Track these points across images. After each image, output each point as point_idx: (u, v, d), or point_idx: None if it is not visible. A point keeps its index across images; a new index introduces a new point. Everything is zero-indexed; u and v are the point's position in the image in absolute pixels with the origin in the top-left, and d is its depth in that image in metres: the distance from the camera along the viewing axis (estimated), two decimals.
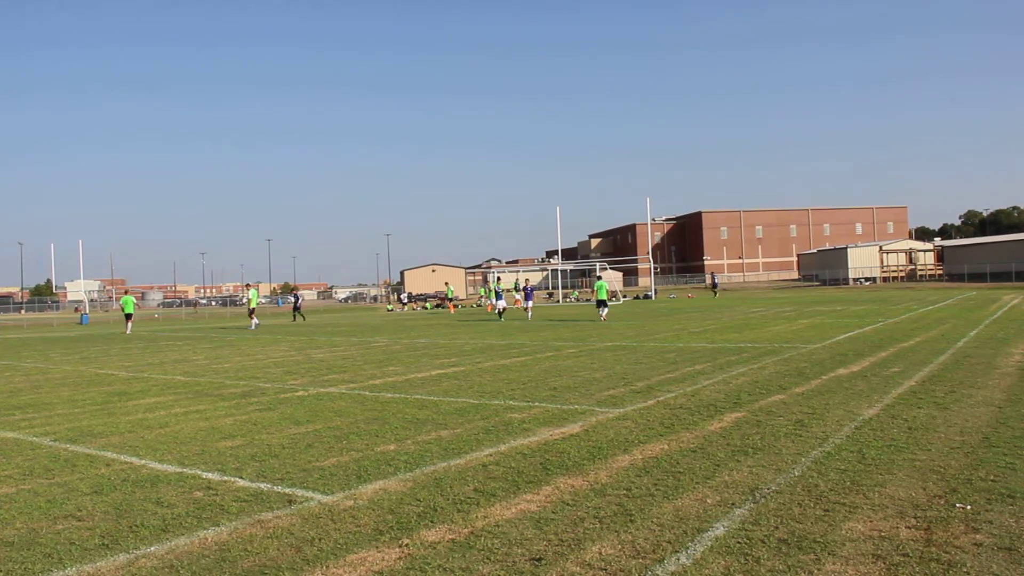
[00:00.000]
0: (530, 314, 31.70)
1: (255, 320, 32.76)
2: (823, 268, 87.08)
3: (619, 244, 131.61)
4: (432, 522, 4.73)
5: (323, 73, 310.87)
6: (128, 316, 33.86)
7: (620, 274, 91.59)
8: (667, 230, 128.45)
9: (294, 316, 39.52)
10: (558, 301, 60.59)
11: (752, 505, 4.84)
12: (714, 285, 64.37)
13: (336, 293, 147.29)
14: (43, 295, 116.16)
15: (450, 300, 47.03)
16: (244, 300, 37.83)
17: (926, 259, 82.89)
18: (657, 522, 4.59)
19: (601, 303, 28.37)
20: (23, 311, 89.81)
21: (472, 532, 4.52)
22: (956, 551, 3.98)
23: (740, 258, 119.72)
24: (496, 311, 32.61)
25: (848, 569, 3.79)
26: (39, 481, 6.11)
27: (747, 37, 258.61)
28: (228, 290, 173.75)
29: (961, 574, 3.70)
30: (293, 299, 43.32)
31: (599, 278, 31.49)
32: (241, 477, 6.02)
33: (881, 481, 5.29)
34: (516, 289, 34.04)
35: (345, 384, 11.68)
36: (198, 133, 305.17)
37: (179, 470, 6.33)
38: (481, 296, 44.41)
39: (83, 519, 5.04)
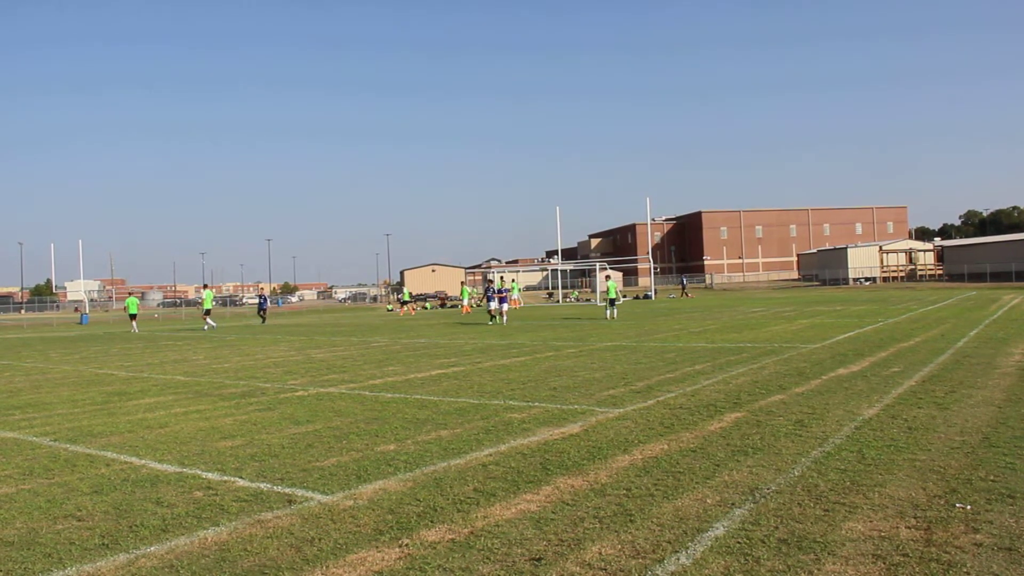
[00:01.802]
0: (504, 319, 28.52)
1: (210, 321, 33.22)
2: (823, 268, 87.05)
3: (619, 244, 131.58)
4: (432, 522, 4.73)
5: (323, 73, 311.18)
6: (132, 316, 35.27)
7: (620, 274, 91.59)
8: (667, 230, 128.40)
9: (263, 318, 39.16)
10: (558, 301, 60.59)
11: (752, 505, 4.84)
12: (683, 287, 66.92)
13: (336, 293, 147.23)
14: (43, 295, 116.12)
15: (405, 303, 47.39)
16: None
17: (926, 259, 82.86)
18: (657, 522, 4.58)
19: (611, 302, 29.83)
20: (23, 311, 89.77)
21: (472, 532, 4.52)
22: (956, 551, 3.98)
23: (740, 258, 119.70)
24: (492, 314, 29.37)
25: (848, 569, 3.79)
26: (39, 481, 6.11)
27: (747, 37, 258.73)
28: (228, 290, 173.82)
29: (961, 574, 3.70)
30: (259, 300, 41.78)
31: (608, 278, 31.68)
32: (241, 477, 6.02)
33: (881, 481, 5.29)
34: (489, 293, 29.79)
35: (345, 384, 11.68)
36: (198, 133, 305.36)
37: (179, 470, 6.33)
38: (479, 296, 43.76)
39: (83, 519, 5.04)
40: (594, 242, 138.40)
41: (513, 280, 45.46)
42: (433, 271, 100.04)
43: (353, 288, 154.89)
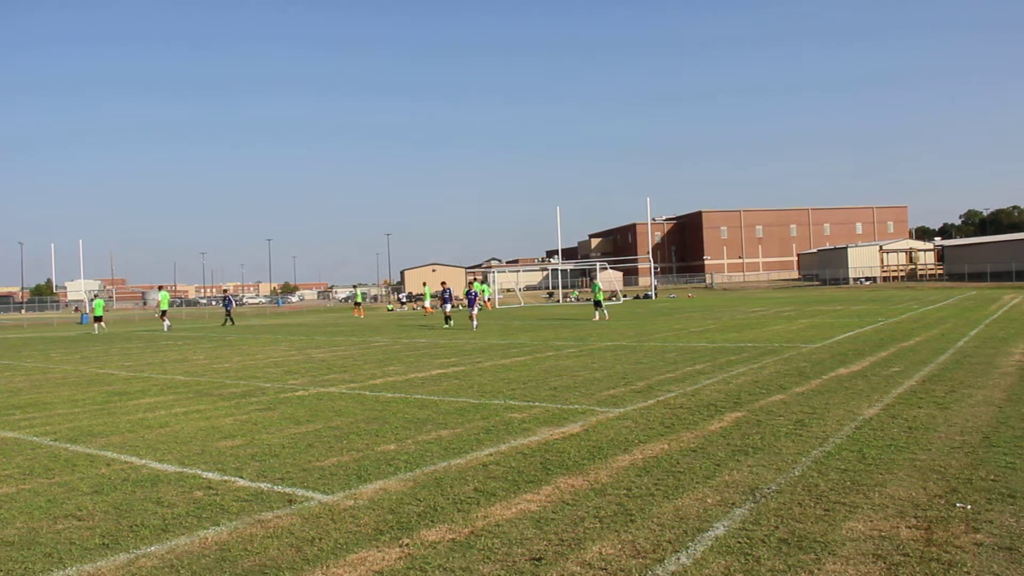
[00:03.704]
0: (475, 322, 25.70)
1: (166, 322, 33.55)
2: (823, 268, 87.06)
3: (619, 244, 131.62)
4: (432, 522, 4.73)
5: (323, 73, 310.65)
6: (98, 319, 35.85)
7: (620, 273, 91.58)
8: (667, 230, 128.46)
9: (224, 320, 38.36)
10: (558, 301, 60.61)
11: (752, 505, 4.84)
12: (654, 288, 68.17)
13: (336, 293, 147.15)
14: (43, 295, 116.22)
15: (358, 304, 47.44)
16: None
17: (926, 259, 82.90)
18: (657, 522, 4.58)
19: (598, 303, 29.31)
20: (23, 311, 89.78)
21: (472, 532, 4.52)
22: (956, 551, 3.98)
23: (740, 258, 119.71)
24: (448, 316, 27.50)
25: (848, 569, 3.79)
26: (39, 481, 6.11)
27: (747, 37, 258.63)
28: (228, 290, 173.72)
29: (961, 574, 3.70)
30: (225, 302, 40.24)
31: (592, 279, 31.40)
32: (241, 477, 6.02)
33: (881, 481, 5.29)
34: (446, 296, 27.60)
35: (345, 384, 11.68)
36: (198, 133, 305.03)
37: (179, 470, 6.33)
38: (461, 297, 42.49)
39: (83, 519, 5.04)
40: (594, 242, 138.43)
41: (483, 282, 45.01)
42: (433, 271, 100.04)
43: (354, 288, 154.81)
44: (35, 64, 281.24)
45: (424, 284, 45.09)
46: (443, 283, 29.96)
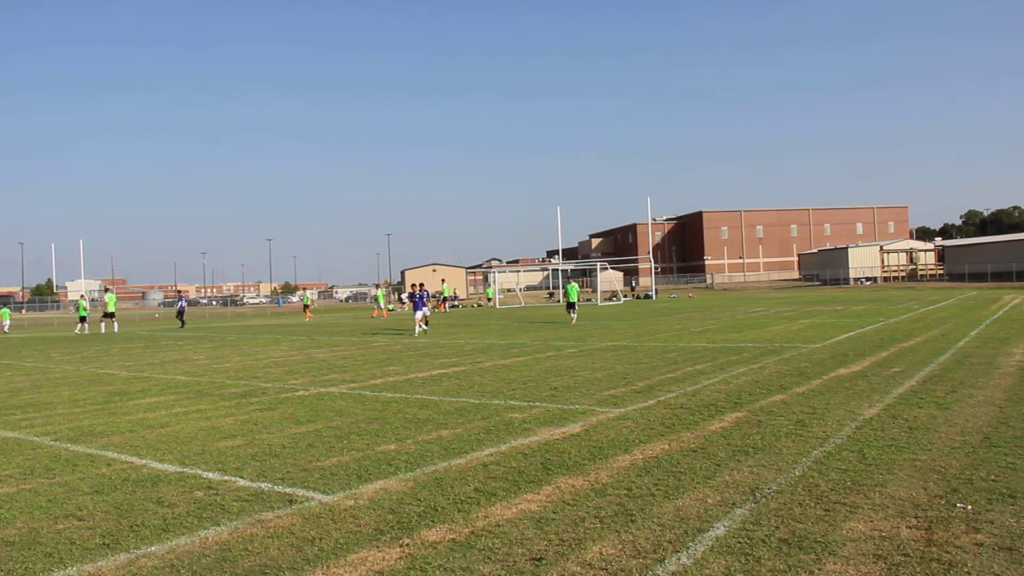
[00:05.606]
0: (418, 328, 23.97)
1: (114, 324, 33.99)
2: (824, 268, 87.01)
3: (619, 244, 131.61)
4: (433, 522, 4.73)
5: (323, 73, 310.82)
6: (82, 319, 35.70)
7: (621, 274, 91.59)
8: (668, 230, 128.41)
9: (181, 322, 37.90)
10: (559, 301, 60.61)
11: (753, 505, 4.84)
12: (632, 288, 67.98)
13: (337, 293, 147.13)
14: (44, 295, 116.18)
15: (306, 307, 47.41)
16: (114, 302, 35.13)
17: (927, 259, 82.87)
18: (658, 522, 4.58)
19: (571, 306, 27.90)
20: (24, 311, 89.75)
21: (473, 532, 4.52)
22: (957, 551, 3.98)
23: (741, 258, 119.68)
24: (419, 322, 24.62)
25: (849, 569, 3.79)
26: (40, 481, 6.12)
27: (747, 37, 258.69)
28: (229, 290, 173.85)
29: (962, 574, 3.70)
30: (179, 303, 39.40)
31: (569, 281, 30.61)
32: (242, 477, 6.02)
33: (882, 481, 5.29)
34: (416, 299, 24.96)
35: (346, 384, 11.69)
36: (198, 133, 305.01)
37: (180, 470, 6.33)
38: (445, 296, 40.57)
39: (84, 519, 5.04)
40: (595, 242, 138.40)
41: (444, 280, 44.17)
42: (433, 271, 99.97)
43: (354, 288, 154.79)
44: (35, 64, 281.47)
45: (378, 287, 44.55)
46: (414, 284, 26.99)
